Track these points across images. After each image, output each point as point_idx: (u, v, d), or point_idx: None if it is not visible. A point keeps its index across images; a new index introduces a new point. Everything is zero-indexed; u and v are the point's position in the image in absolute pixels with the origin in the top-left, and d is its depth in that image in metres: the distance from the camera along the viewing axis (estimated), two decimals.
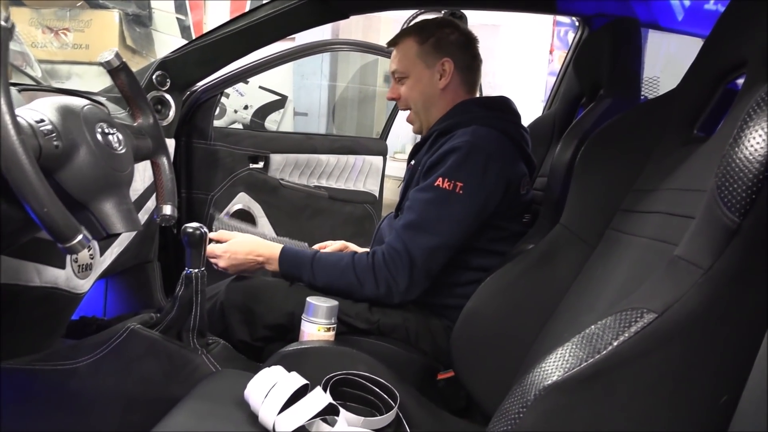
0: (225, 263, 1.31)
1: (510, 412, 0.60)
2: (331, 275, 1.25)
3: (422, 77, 1.37)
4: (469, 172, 1.21)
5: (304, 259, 1.28)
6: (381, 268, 1.22)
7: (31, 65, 1.79)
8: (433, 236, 1.21)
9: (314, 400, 0.83)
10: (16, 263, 1.00)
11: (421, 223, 1.22)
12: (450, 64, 1.35)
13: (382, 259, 1.22)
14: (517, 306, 1.06)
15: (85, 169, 0.79)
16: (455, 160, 1.21)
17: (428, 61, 1.36)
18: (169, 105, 1.62)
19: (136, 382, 1.09)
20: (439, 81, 1.36)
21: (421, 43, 1.36)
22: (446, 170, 1.22)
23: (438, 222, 1.21)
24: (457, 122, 1.31)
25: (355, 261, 1.24)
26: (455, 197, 1.20)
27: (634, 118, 1.00)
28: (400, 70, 1.38)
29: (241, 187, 1.98)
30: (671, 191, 0.84)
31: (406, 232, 1.22)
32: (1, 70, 0.66)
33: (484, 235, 1.28)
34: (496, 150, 1.25)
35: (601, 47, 1.34)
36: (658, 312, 0.57)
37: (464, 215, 1.22)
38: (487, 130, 1.27)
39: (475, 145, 1.22)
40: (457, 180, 1.20)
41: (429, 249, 1.21)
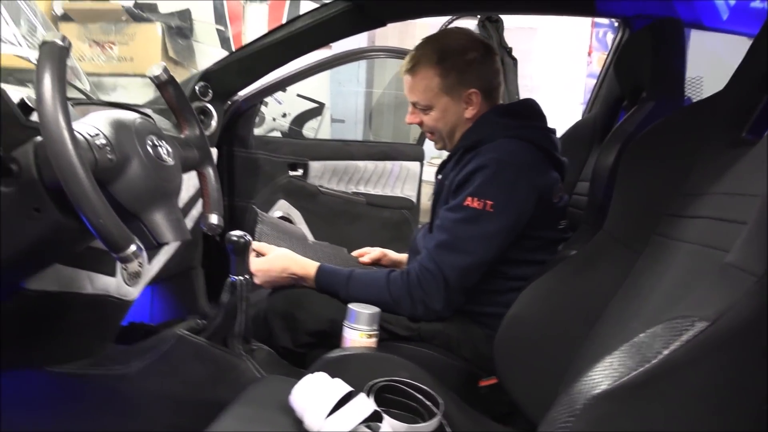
0: (260, 280, 1.32)
1: (557, 420, 0.59)
2: (366, 295, 1.24)
3: (448, 109, 1.33)
4: (498, 189, 1.20)
5: (340, 278, 1.28)
6: (416, 288, 1.22)
7: (80, 78, 1.86)
8: (465, 255, 1.21)
9: (359, 406, 0.83)
10: (70, 271, 1.04)
11: (452, 242, 1.21)
12: (477, 95, 1.32)
13: (416, 279, 1.22)
14: (561, 312, 1.05)
15: (137, 180, 0.81)
16: (483, 179, 1.20)
17: (453, 93, 1.32)
18: (212, 115, 1.65)
19: (184, 386, 1.12)
20: (466, 111, 1.33)
21: (444, 76, 1.30)
22: (475, 189, 1.20)
23: (469, 241, 1.20)
24: (482, 137, 1.28)
25: (390, 281, 1.24)
26: (486, 215, 1.19)
27: (679, 121, 0.98)
28: (422, 102, 1.34)
29: (280, 194, 2.01)
30: (719, 196, 0.82)
31: (438, 252, 1.22)
32: (59, 86, 0.69)
33: (520, 246, 1.27)
34: (523, 162, 1.23)
35: (642, 49, 1.31)
36: (710, 320, 0.56)
37: (496, 232, 1.21)
38: (512, 142, 1.25)
39: (502, 161, 1.21)
40: (486, 198, 1.19)
41: (461, 269, 1.21)
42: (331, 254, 1.63)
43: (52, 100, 0.67)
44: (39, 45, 0.70)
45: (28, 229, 0.76)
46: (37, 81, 0.68)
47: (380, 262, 1.60)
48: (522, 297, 1.10)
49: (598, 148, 1.41)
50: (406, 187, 2.33)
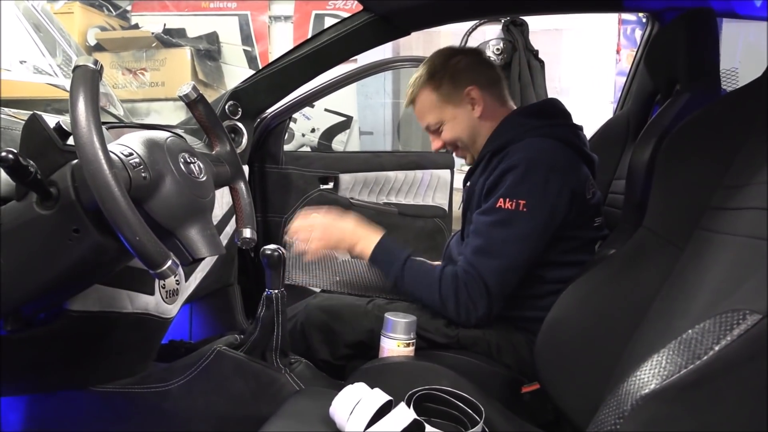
0: (317, 234, 1.29)
1: (605, 423, 0.57)
2: (417, 284, 1.24)
3: (456, 116, 1.34)
4: (530, 189, 1.18)
5: (398, 257, 1.27)
6: (462, 291, 1.20)
7: (114, 105, 1.91)
8: (502, 259, 1.19)
9: (399, 416, 0.82)
10: (110, 291, 1.06)
11: (488, 246, 1.20)
12: (475, 90, 1.33)
13: (463, 282, 1.20)
14: (603, 313, 1.02)
15: (172, 197, 0.82)
16: (514, 179, 1.19)
17: (453, 99, 1.34)
18: (242, 133, 1.68)
19: (226, 402, 1.13)
20: (473, 110, 1.34)
21: (437, 89, 1.34)
22: (506, 190, 1.19)
23: (505, 244, 1.19)
24: (508, 139, 1.27)
25: (443, 278, 1.22)
26: (519, 216, 1.17)
27: (718, 112, 0.95)
28: (432, 122, 1.36)
29: (313, 208, 2.02)
30: (766, 185, 0.79)
31: (476, 257, 1.20)
32: (92, 108, 0.70)
33: (556, 248, 1.24)
34: (554, 160, 1.21)
35: (674, 41, 1.28)
36: (763, 313, 0.53)
37: (530, 232, 1.19)
38: (540, 140, 1.23)
39: (532, 159, 1.19)
40: (518, 198, 1.17)
41: (500, 272, 1.19)
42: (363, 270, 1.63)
43: (86, 122, 0.69)
44: (72, 69, 0.72)
45: (69, 250, 0.78)
46: (71, 104, 0.70)
47: None
48: (561, 300, 1.08)
49: (633, 145, 1.38)
50: (437, 196, 2.31)
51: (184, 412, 1.14)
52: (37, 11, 2.01)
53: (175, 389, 1.15)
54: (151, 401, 1.14)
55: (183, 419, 1.14)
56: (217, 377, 1.14)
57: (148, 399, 1.14)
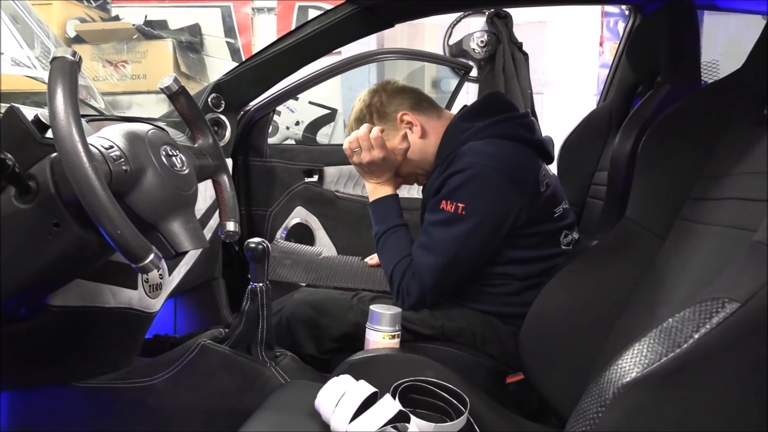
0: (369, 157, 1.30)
1: (588, 412, 0.58)
2: (389, 251, 1.29)
3: (400, 146, 1.33)
4: (470, 193, 1.19)
5: (390, 220, 1.32)
6: (406, 277, 1.25)
7: (95, 98, 1.88)
8: (438, 256, 1.21)
9: (384, 407, 0.82)
10: (93, 286, 1.05)
11: (428, 244, 1.23)
12: (407, 114, 1.35)
13: (410, 271, 1.25)
14: (586, 304, 1.03)
15: (153, 190, 0.82)
16: (456, 183, 1.20)
17: (390, 132, 1.35)
18: (225, 126, 1.66)
19: (211, 396, 1.12)
20: (413, 134, 1.35)
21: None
22: (448, 193, 1.21)
23: (443, 243, 1.21)
24: (452, 149, 1.27)
25: (402, 260, 1.26)
26: (457, 218, 1.19)
27: (698, 103, 0.96)
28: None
29: (298, 201, 2.01)
30: (745, 175, 0.80)
31: (417, 251, 1.25)
32: (71, 101, 0.69)
33: (518, 246, 1.25)
34: (497, 164, 1.19)
35: (656, 33, 1.29)
36: (742, 301, 0.54)
37: (470, 234, 1.19)
38: (483, 143, 1.23)
39: (473, 164, 1.19)
40: (458, 201, 1.19)
41: (436, 269, 1.21)
42: (345, 264, 1.64)
43: (65, 114, 0.68)
44: (50, 61, 0.71)
45: (49, 244, 0.77)
46: (49, 96, 0.69)
47: None
48: (545, 291, 1.09)
49: (615, 137, 1.39)
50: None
51: (168, 406, 1.13)
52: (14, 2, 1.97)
53: (160, 384, 1.14)
54: (135, 396, 1.14)
55: (168, 414, 1.14)
56: (202, 371, 1.14)
57: (132, 394, 1.14)
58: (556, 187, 1.31)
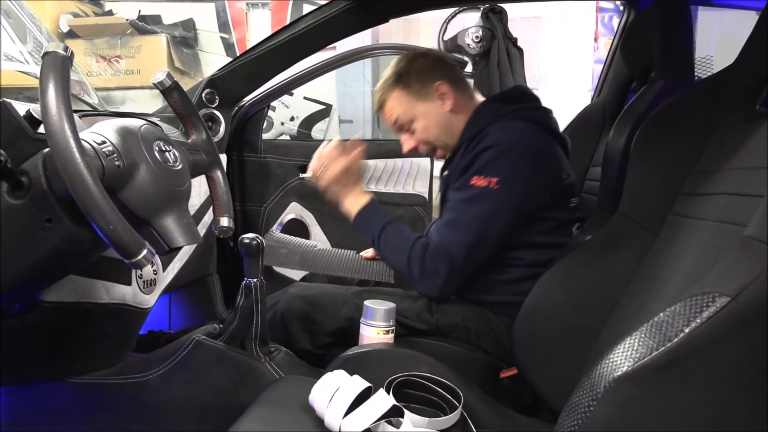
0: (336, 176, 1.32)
1: (580, 405, 0.58)
2: (391, 246, 1.26)
3: (428, 112, 1.36)
4: (504, 167, 1.20)
5: (379, 221, 1.29)
6: (428, 260, 1.22)
7: (88, 93, 1.87)
8: (469, 233, 1.20)
9: (378, 402, 0.83)
10: (86, 282, 1.05)
11: (458, 221, 1.21)
12: (444, 84, 1.35)
13: (431, 254, 1.22)
14: (579, 298, 1.03)
15: (146, 186, 0.81)
16: (489, 157, 1.20)
17: (423, 95, 1.36)
18: (219, 121, 1.66)
19: (205, 391, 1.12)
20: (444, 105, 1.36)
21: (406, 87, 1.36)
22: (480, 168, 1.21)
23: (474, 219, 1.20)
24: (484, 124, 1.29)
25: (413, 245, 1.24)
26: (490, 193, 1.19)
27: (691, 98, 0.96)
28: (402, 118, 1.38)
29: (292, 196, 2.01)
30: (736, 171, 0.80)
31: (445, 229, 1.22)
32: (63, 96, 0.69)
33: (534, 229, 1.26)
34: (529, 141, 1.23)
35: (649, 29, 1.29)
36: (732, 295, 0.54)
37: (501, 210, 1.20)
38: (516, 123, 1.26)
39: (507, 140, 1.21)
40: (491, 176, 1.19)
41: (467, 246, 1.20)
42: (340, 255, 1.63)
43: (57, 109, 0.68)
44: (41, 56, 0.70)
45: (42, 240, 0.77)
46: (41, 91, 0.68)
47: None
48: (539, 285, 1.09)
49: (609, 132, 1.39)
50: (417, 184, 2.32)
51: (163, 402, 1.13)
52: None
53: (154, 379, 1.14)
54: (129, 392, 1.14)
55: (162, 409, 1.14)
56: (197, 367, 1.14)
57: (126, 390, 1.14)
58: (574, 181, 1.35)
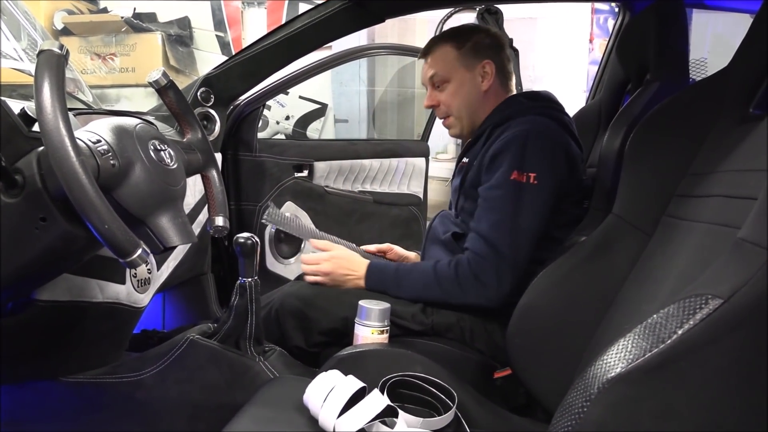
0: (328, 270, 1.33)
1: (573, 406, 0.58)
2: (415, 289, 1.26)
3: (465, 81, 1.37)
4: (539, 160, 1.21)
5: (388, 273, 1.29)
6: (467, 277, 1.21)
7: (82, 91, 1.87)
8: (516, 232, 1.20)
9: (373, 402, 0.83)
10: (80, 281, 1.05)
11: (504, 220, 1.20)
12: (491, 65, 1.36)
13: (467, 266, 1.21)
14: (573, 299, 1.04)
15: (141, 185, 0.81)
16: (522, 150, 1.21)
17: (469, 64, 1.36)
18: (215, 120, 1.66)
19: (199, 391, 1.12)
20: (481, 83, 1.37)
21: (459, 48, 1.36)
22: (515, 161, 1.21)
23: (518, 216, 1.20)
24: (510, 114, 1.31)
25: (438, 274, 1.23)
26: (530, 188, 1.20)
27: (685, 101, 0.97)
28: (440, 74, 1.37)
29: (287, 196, 2.01)
30: (730, 173, 0.81)
31: (493, 232, 1.20)
32: (58, 94, 0.69)
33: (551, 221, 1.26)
34: (557, 136, 1.26)
35: (645, 31, 1.30)
36: (725, 297, 0.55)
37: (541, 204, 1.22)
38: (542, 118, 1.28)
39: (538, 132, 1.23)
40: (529, 171, 1.20)
41: (518, 245, 1.20)
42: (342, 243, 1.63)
43: (51, 108, 0.67)
44: (36, 54, 0.70)
45: (36, 239, 0.77)
46: (36, 89, 0.68)
47: (386, 256, 1.59)
48: (533, 285, 1.09)
49: (604, 133, 1.40)
50: (412, 184, 2.32)
51: (157, 401, 1.13)
52: None
53: (148, 379, 1.14)
54: (123, 391, 1.13)
55: (156, 409, 1.13)
56: (191, 366, 1.14)
57: (120, 389, 1.13)
58: (588, 184, 1.36)
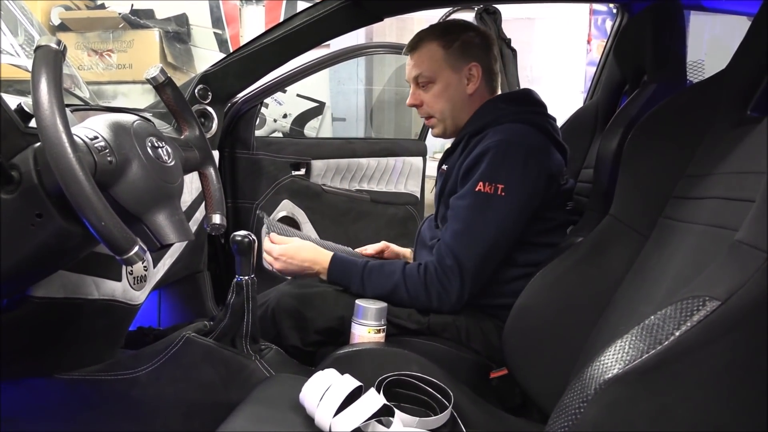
0: (281, 265, 1.31)
1: (570, 407, 0.59)
2: (381, 289, 1.24)
3: (450, 83, 1.34)
4: (508, 172, 1.19)
5: (354, 269, 1.27)
6: (433, 282, 1.21)
7: (79, 87, 1.86)
8: (481, 242, 1.19)
9: (369, 401, 0.83)
10: (75, 278, 1.04)
11: (467, 230, 1.20)
12: (477, 69, 1.34)
13: (434, 273, 1.21)
14: (569, 300, 1.04)
15: (138, 182, 0.81)
16: (492, 161, 1.20)
17: (455, 66, 1.33)
18: (212, 117, 1.65)
19: (195, 389, 1.12)
20: (467, 86, 1.34)
21: (446, 48, 1.33)
22: (484, 173, 1.20)
23: (484, 227, 1.19)
24: (487, 122, 1.29)
25: (406, 276, 1.23)
26: (497, 199, 1.18)
27: (682, 102, 0.97)
28: (425, 74, 1.34)
29: (284, 194, 2.01)
30: (726, 175, 0.81)
31: (454, 242, 1.20)
32: (55, 90, 0.69)
33: (531, 229, 1.26)
34: (531, 144, 1.23)
35: (642, 32, 1.30)
36: (722, 299, 0.55)
37: (509, 216, 1.20)
38: (519, 126, 1.25)
39: (510, 143, 1.21)
40: (497, 182, 1.18)
41: (479, 256, 1.20)
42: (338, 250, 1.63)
43: (48, 104, 0.67)
44: (33, 49, 0.70)
45: (32, 235, 0.76)
46: (33, 85, 0.68)
47: (383, 255, 1.60)
48: (530, 286, 1.10)
49: (601, 134, 1.40)
50: (409, 183, 2.32)
51: (152, 399, 1.13)
52: None
53: (144, 376, 1.13)
54: (118, 389, 1.13)
55: (151, 407, 1.13)
56: (186, 364, 1.13)
57: (115, 386, 1.13)
58: (572, 186, 1.37)
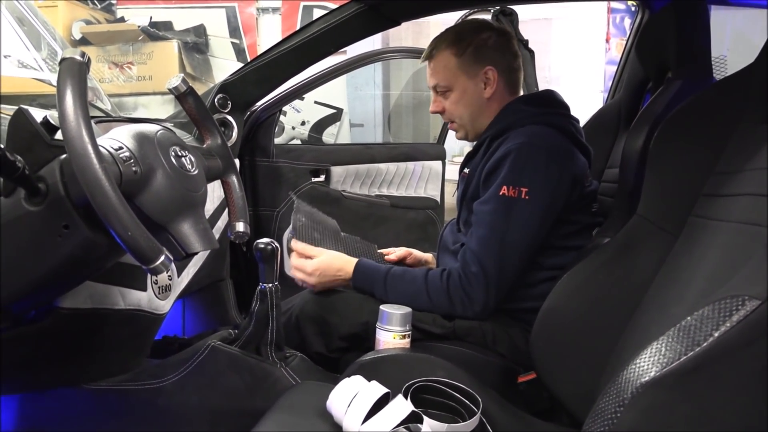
0: (315, 280, 1.31)
1: (606, 411, 0.57)
2: (403, 295, 1.24)
3: (467, 89, 1.33)
4: (532, 175, 1.18)
5: (377, 276, 1.27)
6: (456, 289, 1.20)
7: (101, 99, 1.89)
8: (507, 248, 1.18)
9: (397, 408, 0.82)
10: (102, 288, 1.05)
11: (492, 236, 1.19)
12: (493, 72, 1.32)
13: (458, 280, 1.20)
14: (597, 302, 1.02)
15: (163, 191, 0.81)
16: (513, 164, 1.18)
17: (470, 72, 1.33)
18: (232, 126, 1.66)
19: (220, 397, 1.12)
20: (484, 90, 1.33)
21: (459, 55, 1.32)
22: (507, 176, 1.18)
23: (510, 233, 1.18)
24: (508, 124, 1.28)
25: (429, 282, 1.22)
26: (521, 203, 1.17)
27: (710, 99, 0.95)
28: (442, 84, 1.35)
29: (304, 201, 2.01)
30: (759, 171, 0.79)
31: (480, 248, 1.19)
32: (81, 102, 0.69)
33: (557, 231, 1.25)
34: (553, 147, 1.21)
35: (665, 29, 1.28)
36: (762, 298, 0.53)
37: (533, 219, 1.19)
38: (540, 128, 1.24)
39: (532, 145, 1.19)
40: (520, 186, 1.17)
41: (505, 262, 1.19)
42: (362, 249, 1.62)
43: (74, 116, 0.68)
44: (59, 62, 0.70)
45: (59, 247, 0.77)
46: (59, 97, 0.68)
47: (405, 261, 1.59)
48: (557, 289, 1.08)
49: (625, 133, 1.38)
50: (429, 187, 2.31)
51: (178, 408, 1.13)
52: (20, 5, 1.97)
53: (170, 385, 1.14)
54: (145, 398, 1.14)
55: (177, 415, 1.13)
56: (212, 372, 1.14)
57: (141, 396, 1.14)
58: (596, 188, 1.35)
